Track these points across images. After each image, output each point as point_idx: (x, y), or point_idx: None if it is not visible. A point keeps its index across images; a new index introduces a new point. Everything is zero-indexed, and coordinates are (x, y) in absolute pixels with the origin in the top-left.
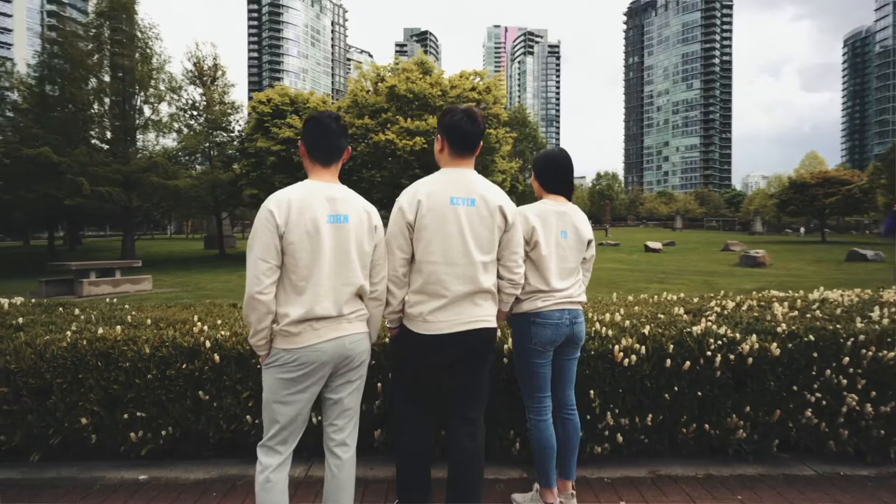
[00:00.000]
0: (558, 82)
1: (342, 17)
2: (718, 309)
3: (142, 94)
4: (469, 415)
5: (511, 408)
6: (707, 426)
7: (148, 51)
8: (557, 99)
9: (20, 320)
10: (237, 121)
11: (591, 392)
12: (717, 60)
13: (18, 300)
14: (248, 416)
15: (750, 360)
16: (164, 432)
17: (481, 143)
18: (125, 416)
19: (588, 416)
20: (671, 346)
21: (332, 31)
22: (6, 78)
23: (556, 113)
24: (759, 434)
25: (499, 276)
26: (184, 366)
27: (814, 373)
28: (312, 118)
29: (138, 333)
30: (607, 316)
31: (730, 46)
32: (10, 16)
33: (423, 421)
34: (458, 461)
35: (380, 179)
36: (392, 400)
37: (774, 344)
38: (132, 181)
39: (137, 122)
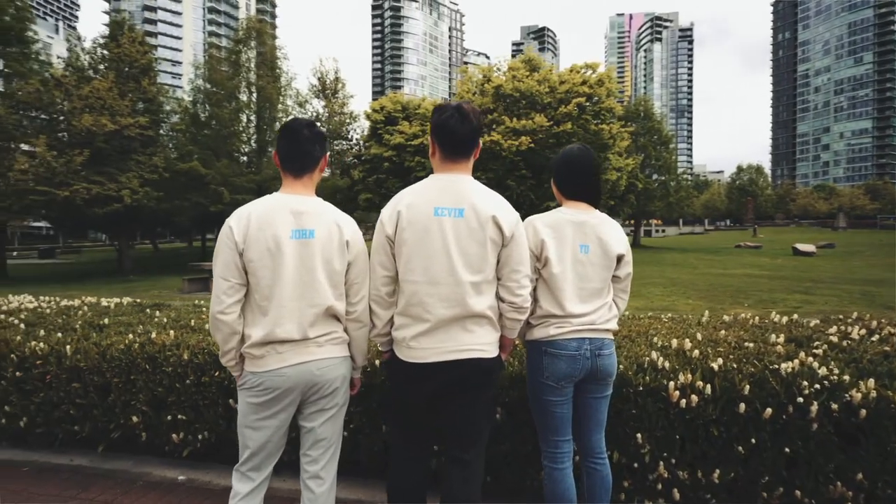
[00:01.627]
0: (690, 69)
1: (459, 21)
2: (836, 338)
3: (271, 110)
4: (462, 456)
5: None
6: (798, 492)
7: (277, 71)
8: (689, 87)
9: (105, 321)
10: (354, 129)
11: (639, 436)
12: None
13: (126, 300)
14: None
15: (863, 412)
16: (200, 436)
17: (479, 144)
18: (168, 417)
19: (636, 465)
20: (747, 387)
21: (450, 37)
22: (168, 102)
23: (687, 102)
24: None
25: (500, 299)
26: (216, 373)
27: None
28: (284, 125)
29: (187, 339)
30: (674, 342)
31: None
32: (180, 50)
33: (413, 454)
34: None
35: (485, 181)
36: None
37: None
38: (264, 189)
39: (268, 136)
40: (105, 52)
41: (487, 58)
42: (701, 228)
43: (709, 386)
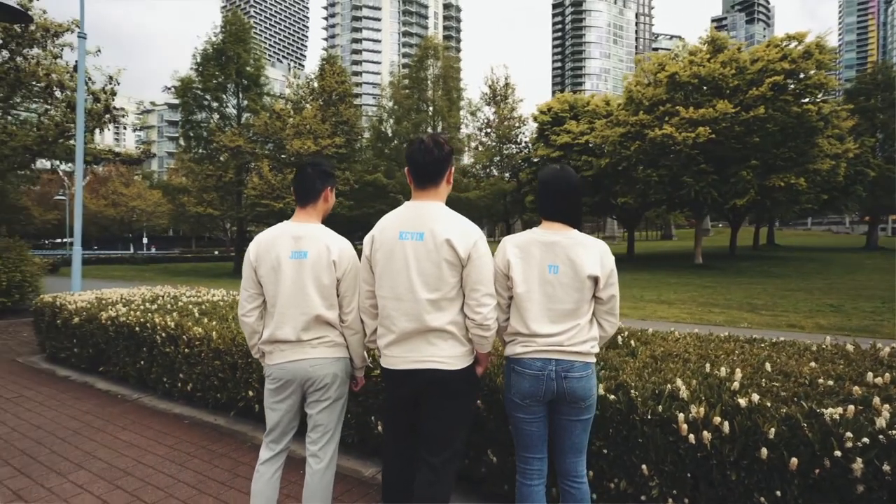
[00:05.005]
0: None
1: (648, 5)
2: None
3: (444, 121)
4: (430, 460)
5: None
6: None
7: (451, 83)
8: None
9: None
10: (523, 132)
11: (644, 467)
12: None
13: None
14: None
15: None
16: None
17: (449, 170)
18: None
19: (643, 497)
20: (772, 431)
21: (637, 24)
22: (360, 122)
23: None
24: None
25: (466, 316)
26: None
27: None
28: (297, 165)
29: None
30: (723, 370)
31: None
32: (378, 74)
33: (400, 448)
34: None
35: (656, 179)
36: None
37: None
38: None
39: None
40: (315, 84)
41: (681, 39)
42: None
43: (727, 423)
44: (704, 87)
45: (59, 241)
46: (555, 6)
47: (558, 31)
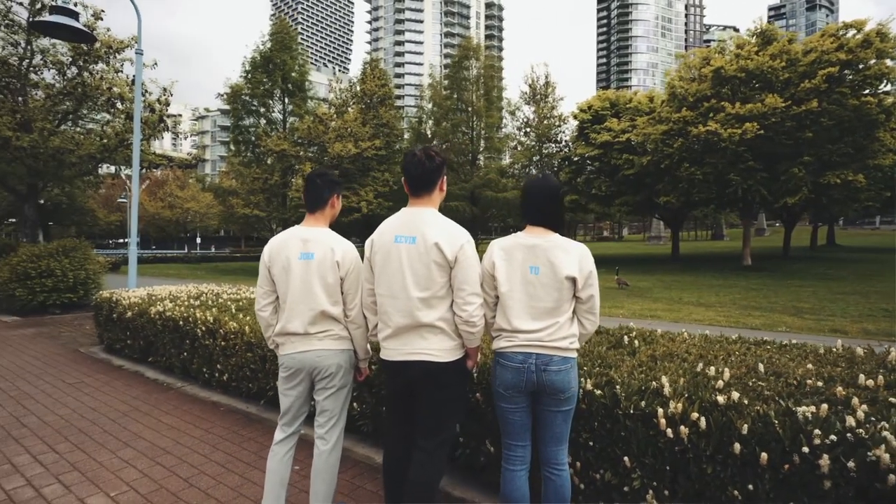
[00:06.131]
0: None
1: None
2: None
3: (481, 123)
4: (422, 444)
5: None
6: None
7: (490, 83)
8: None
9: None
10: (563, 131)
11: (627, 459)
12: None
13: None
14: (355, 405)
15: (892, 477)
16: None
17: (441, 179)
18: None
19: (625, 489)
20: (745, 427)
21: (686, 16)
22: (401, 123)
23: None
24: None
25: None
26: None
27: None
28: (306, 175)
29: None
30: (712, 369)
31: None
32: (420, 75)
33: (399, 430)
34: (407, 484)
35: (700, 177)
36: None
37: None
38: (475, 196)
39: (479, 147)
40: (358, 88)
41: (736, 30)
42: None
43: (703, 419)
44: (753, 81)
45: (121, 240)
46: (600, 0)
47: (603, 26)
